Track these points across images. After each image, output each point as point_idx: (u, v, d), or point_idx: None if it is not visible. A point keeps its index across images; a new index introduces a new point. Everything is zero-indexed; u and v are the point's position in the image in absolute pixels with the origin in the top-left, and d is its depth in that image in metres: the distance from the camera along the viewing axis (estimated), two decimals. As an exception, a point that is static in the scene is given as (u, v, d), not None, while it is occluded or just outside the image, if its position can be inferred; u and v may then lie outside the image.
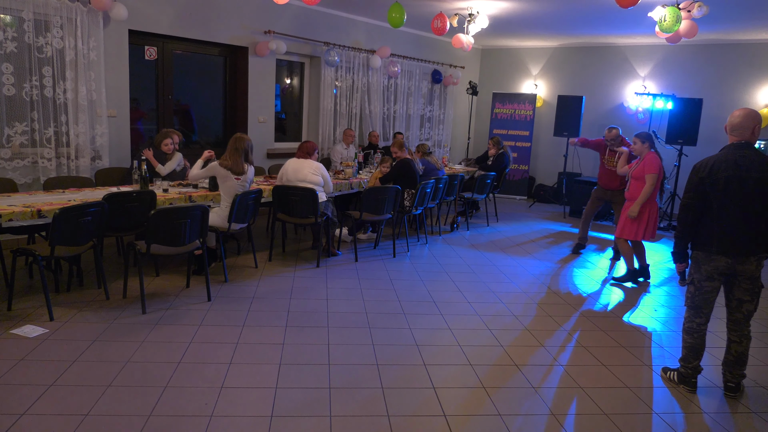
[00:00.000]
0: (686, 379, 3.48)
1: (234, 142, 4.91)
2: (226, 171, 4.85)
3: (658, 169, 5.27)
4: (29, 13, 5.12)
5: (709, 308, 3.38)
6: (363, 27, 8.75)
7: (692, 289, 3.41)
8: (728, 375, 3.43)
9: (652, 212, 5.37)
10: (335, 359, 3.58)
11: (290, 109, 8.58)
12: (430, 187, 6.63)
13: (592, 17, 7.71)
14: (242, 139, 4.93)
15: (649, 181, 5.25)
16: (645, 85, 9.81)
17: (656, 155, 5.35)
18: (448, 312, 4.58)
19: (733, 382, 3.42)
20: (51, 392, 3.00)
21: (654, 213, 5.39)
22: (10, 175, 5.24)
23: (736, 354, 3.38)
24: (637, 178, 5.36)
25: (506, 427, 2.93)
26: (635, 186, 5.38)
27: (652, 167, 5.26)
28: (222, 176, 4.89)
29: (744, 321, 3.34)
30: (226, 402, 3.00)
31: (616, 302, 5.11)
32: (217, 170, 4.89)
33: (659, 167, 5.30)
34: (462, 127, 11.60)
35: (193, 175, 5.01)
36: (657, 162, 5.29)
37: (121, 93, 6.00)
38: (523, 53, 11.21)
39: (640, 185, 5.32)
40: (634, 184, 5.39)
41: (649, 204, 5.34)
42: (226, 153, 4.91)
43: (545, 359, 3.80)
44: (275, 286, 4.92)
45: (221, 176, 4.90)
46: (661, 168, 5.36)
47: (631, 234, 5.44)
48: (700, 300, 3.37)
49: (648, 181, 5.26)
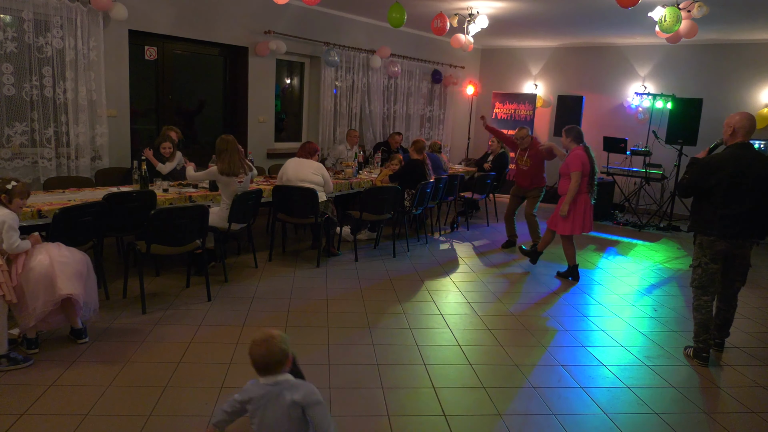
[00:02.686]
0: (699, 353, 3.85)
1: (225, 144, 4.77)
2: (229, 177, 4.79)
3: (580, 165, 5.32)
4: (29, 13, 5.11)
5: (713, 287, 3.80)
6: (363, 27, 8.74)
7: (699, 271, 3.80)
8: (716, 335, 4.02)
9: (587, 208, 5.46)
10: (335, 359, 3.58)
11: (290, 109, 8.58)
12: (430, 187, 6.63)
13: (592, 17, 7.71)
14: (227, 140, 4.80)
15: (573, 178, 5.35)
16: (645, 85, 9.80)
17: (582, 150, 5.40)
18: (448, 312, 4.58)
19: (719, 340, 4.04)
20: (51, 392, 3.00)
21: (585, 208, 5.45)
22: (10, 175, 5.23)
23: (724, 319, 3.99)
24: (563, 175, 5.46)
25: (506, 427, 2.93)
26: (563, 183, 5.47)
27: (574, 164, 5.34)
28: (225, 182, 4.86)
29: (734, 295, 3.92)
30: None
31: (616, 302, 5.11)
32: (219, 177, 4.82)
33: (582, 163, 5.35)
34: (462, 127, 11.60)
35: (191, 176, 5.00)
36: (579, 158, 5.36)
37: (121, 93, 6.00)
38: (523, 53, 11.21)
39: (567, 182, 5.41)
40: (562, 182, 5.48)
41: (579, 199, 5.40)
42: (222, 157, 4.75)
43: (545, 359, 3.80)
44: (275, 286, 4.92)
45: (224, 182, 4.86)
46: (585, 163, 5.38)
47: (566, 230, 5.52)
48: (707, 280, 3.78)
49: (572, 179, 5.35)
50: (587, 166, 5.40)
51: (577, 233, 5.53)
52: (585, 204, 5.45)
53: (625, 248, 7.34)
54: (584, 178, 5.40)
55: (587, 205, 5.48)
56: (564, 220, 5.49)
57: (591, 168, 5.43)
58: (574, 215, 5.46)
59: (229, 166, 4.75)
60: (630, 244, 7.62)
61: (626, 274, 6.06)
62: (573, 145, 5.48)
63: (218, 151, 4.81)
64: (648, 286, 5.72)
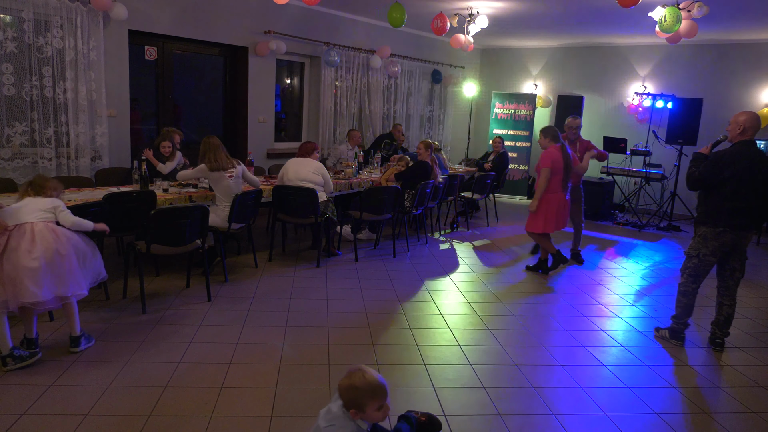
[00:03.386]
0: (677, 334, 4.12)
1: (207, 144, 4.88)
2: (218, 173, 4.85)
3: (550, 162, 5.40)
4: (29, 13, 5.12)
5: (704, 276, 4.02)
6: (363, 27, 8.74)
7: (696, 261, 3.99)
8: (717, 332, 4.09)
9: (561, 206, 5.53)
10: (335, 359, 3.58)
11: (290, 109, 8.58)
12: (430, 187, 6.63)
13: (592, 17, 7.71)
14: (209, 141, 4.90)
15: (542, 174, 5.43)
16: (645, 85, 9.80)
17: (557, 149, 5.45)
18: (448, 312, 4.58)
19: (720, 338, 4.08)
20: (51, 392, 3.00)
21: (558, 205, 5.50)
22: (10, 175, 5.24)
23: (726, 315, 4.05)
24: (538, 173, 5.55)
25: (506, 427, 2.93)
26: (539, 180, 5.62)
27: (544, 161, 5.43)
28: (215, 179, 4.89)
29: (734, 287, 4.01)
30: (226, 402, 3.00)
31: (616, 302, 5.11)
32: (208, 174, 4.89)
33: (551, 161, 5.40)
34: (462, 127, 11.60)
35: (181, 175, 5.02)
36: (550, 156, 5.41)
37: (121, 93, 6.00)
38: (523, 53, 11.21)
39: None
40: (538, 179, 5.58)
41: (549, 197, 5.47)
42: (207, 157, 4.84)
43: (545, 359, 3.80)
44: (275, 286, 4.92)
45: (214, 179, 4.90)
46: (556, 161, 5.43)
47: (538, 227, 5.58)
48: (701, 270, 3.98)
49: (541, 175, 5.43)
50: (559, 164, 5.45)
51: (549, 231, 5.60)
52: (559, 203, 5.52)
53: (625, 248, 7.34)
54: (556, 176, 5.46)
55: (561, 203, 5.54)
56: (536, 218, 5.56)
57: (565, 167, 5.49)
58: (547, 214, 5.51)
59: (215, 161, 4.83)
60: (630, 244, 7.62)
61: (626, 274, 6.06)
62: (549, 145, 5.55)
63: (202, 153, 4.90)
64: (648, 286, 5.72)
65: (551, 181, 5.44)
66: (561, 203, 5.53)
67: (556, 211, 5.50)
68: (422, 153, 6.63)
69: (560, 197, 5.51)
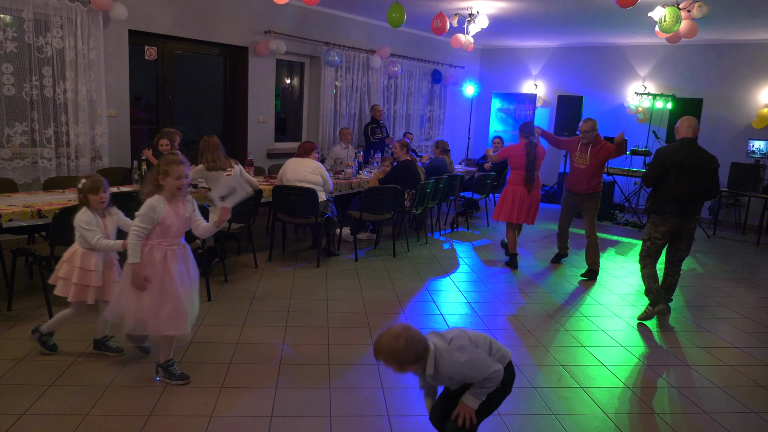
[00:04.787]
0: (655, 302, 4.55)
1: (206, 143, 4.92)
2: (216, 172, 4.86)
3: (505, 153, 5.96)
4: (29, 13, 5.11)
5: (658, 255, 4.62)
6: (363, 27, 8.74)
7: (648, 243, 4.60)
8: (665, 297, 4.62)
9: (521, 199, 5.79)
10: (335, 359, 3.58)
11: (290, 109, 8.58)
12: (430, 187, 6.63)
13: (592, 17, 7.71)
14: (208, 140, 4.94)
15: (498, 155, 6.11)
16: (645, 85, 9.80)
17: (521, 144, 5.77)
18: (448, 312, 4.58)
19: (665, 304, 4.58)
20: (51, 392, 3.00)
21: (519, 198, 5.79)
22: (10, 175, 5.23)
23: (669, 284, 4.72)
24: None
25: (506, 427, 2.93)
26: None
27: (501, 151, 6.08)
28: (213, 178, 4.89)
29: (678, 262, 4.65)
30: (226, 402, 3.00)
31: (616, 302, 5.11)
32: (206, 174, 4.90)
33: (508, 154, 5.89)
34: (462, 127, 11.60)
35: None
36: (509, 149, 5.91)
37: (121, 93, 6.00)
38: (523, 53, 11.21)
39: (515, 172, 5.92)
40: None
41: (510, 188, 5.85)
42: (205, 156, 4.88)
43: (545, 359, 3.80)
44: (275, 286, 4.92)
45: (213, 179, 4.90)
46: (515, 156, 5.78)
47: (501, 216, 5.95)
48: (654, 250, 4.60)
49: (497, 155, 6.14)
50: (519, 159, 5.75)
51: (503, 219, 5.95)
52: (521, 196, 5.80)
53: (625, 248, 7.34)
54: (517, 171, 5.80)
55: (523, 197, 5.80)
56: (500, 207, 5.95)
57: (528, 163, 5.73)
58: (503, 203, 5.90)
59: (213, 160, 4.86)
60: (630, 244, 7.61)
61: (626, 274, 6.06)
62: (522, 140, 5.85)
63: (201, 152, 4.92)
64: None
65: (511, 174, 5.89)
66: (522, 197, 5.81)
67: (518, 203, 5.82)
68: (398, 152, 6.55)
69: (522, 190, 5.80)
